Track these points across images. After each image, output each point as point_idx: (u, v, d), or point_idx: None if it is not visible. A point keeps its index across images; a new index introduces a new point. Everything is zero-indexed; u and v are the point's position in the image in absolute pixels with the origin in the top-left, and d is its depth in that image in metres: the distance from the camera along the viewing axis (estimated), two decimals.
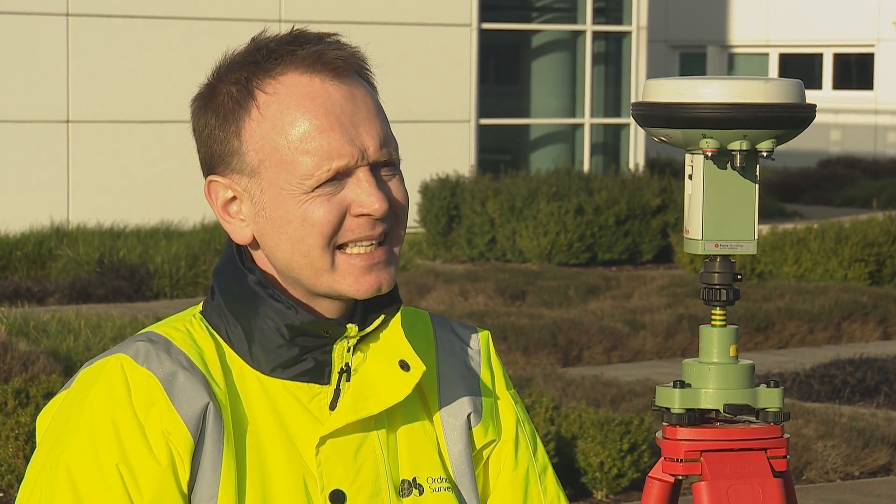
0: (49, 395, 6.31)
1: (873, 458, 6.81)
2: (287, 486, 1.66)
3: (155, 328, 1.70)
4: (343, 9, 15.71)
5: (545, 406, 6.33)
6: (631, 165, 17.05)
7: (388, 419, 1.71)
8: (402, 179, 1.71)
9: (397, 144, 1.70)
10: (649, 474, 2.29)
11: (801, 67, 27.85)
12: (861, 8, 27.30)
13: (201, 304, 1.74)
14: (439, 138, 16.31)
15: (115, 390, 1.64)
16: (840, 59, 28.11)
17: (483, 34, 16.59)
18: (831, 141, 27.25)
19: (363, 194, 1.66)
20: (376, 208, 1.66)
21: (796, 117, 2.23)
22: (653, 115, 2.26)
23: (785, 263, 12.23)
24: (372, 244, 1.67)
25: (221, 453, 1.64)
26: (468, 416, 1.75)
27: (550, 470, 1.82)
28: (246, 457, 1.65)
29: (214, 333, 1.70)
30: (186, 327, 1.70)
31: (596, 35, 17.32)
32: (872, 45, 27.42)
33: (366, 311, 1.71)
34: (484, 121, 16.72)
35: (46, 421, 1.69)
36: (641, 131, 14.81)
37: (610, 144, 17.56)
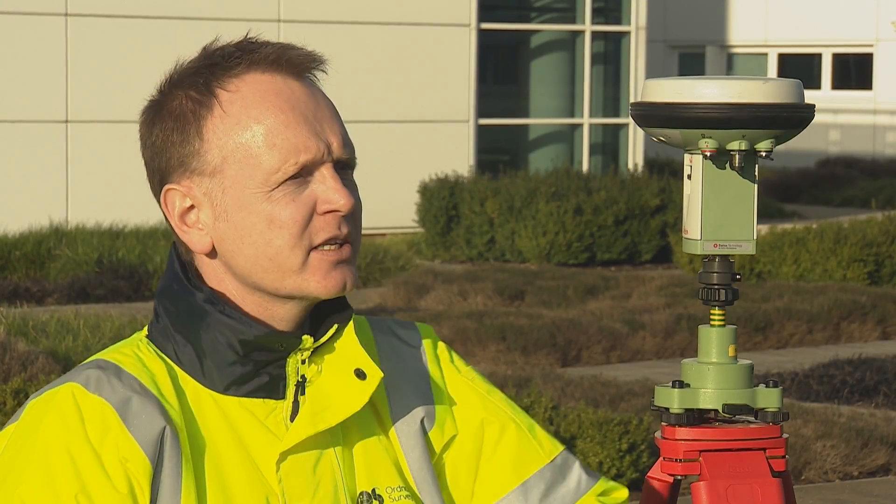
0: None
1: (872, 458, 6.81)
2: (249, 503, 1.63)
3: (101, 355, 1.66)
4: (342, 9, 15.71)
5: (544, 406, 6.33)
6: (630, 165, 17.05)
7: (342, 432, 1.69)
8: (356, 187, 1.69)
9: (354, 149, 1.69)
10: (648, 474, 2.28)
11: (799, 67, 27.86)
12: (860, 8, 27.32)
13: (145, 328, 1.71)
14: (438, 138, 16.31)
15: (68, 419, 1.60)
16: (839, 60, 28.12)
17: (482, 34, 16.59)
18: (830, 141, 27.26)
19: (329, 191, 1.64)
20: (342, 204, 1.63)
21: (795, 117, 2.23)
22: (652, 115, 2.26)
23: (784, 263, 12.23)
24: (338, 243, 1.65)
25: (181, 477, 1.61)
26: (421, 421, 1.73)
27: (537, 427, 1.80)
28: (205, 479, 1.62)
29: (163, 356, 1.66)
30: (134, 352, 1.66)
31: (595, 35, 17.33)
32: (871, 46, 27.43)
33: (317, 322, 1.68)
34: (483, 121, 16.72)
35: None
36: (640, 131, 14.81)
37: (609, 144, 17.56)
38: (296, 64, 1.66)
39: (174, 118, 1.66)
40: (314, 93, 1.67)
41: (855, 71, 28.02)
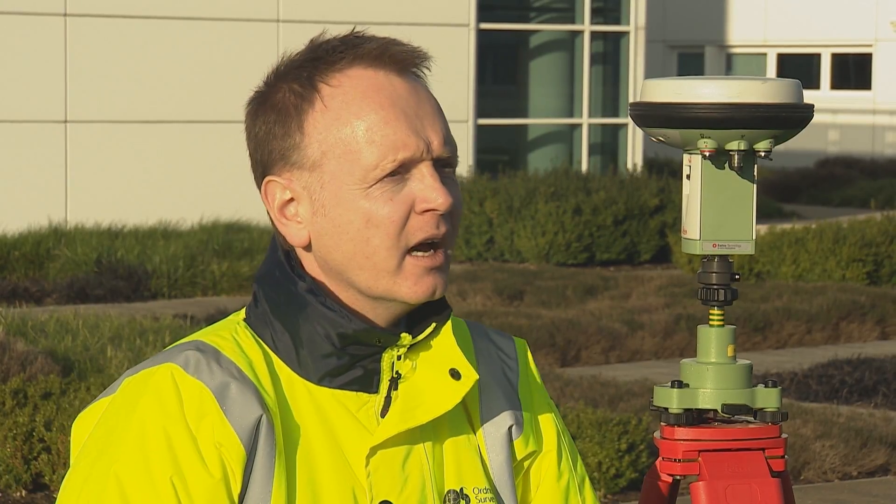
0: (47, 395, 6.30)
1: (871, 458, 6.81)
2: (337, 498, 1.63)
3: (200, 336, 1.66)
4: (341, 9, 15.72)
5: None
6: (629, 165, 17.05)
7: (433, 429, 1.69)
8: (458, 185, 1.68)
9: (457, 147, 1.68)
10: (647, 474, 2.29)
11: (798, 67, 27.86)
12: (859, 8, 27.32)
13: (243, 310, 1.70)
14: None
15: (166, 401, 1.60)
16: (838, 60, 28.12)
17: (481, 34, 16.60)
18: (829, 141, 27.26)
19: (427, 189, 1.62)
20: (441, 202, 1.62)
21: (794, 117, 2.23)
22: (651, 115, 2.26)
23: (783, 263, 12.23)
24: (433, 247, 1.65)
25: (273, 467, 1.61)
26: (510, 427, 1.73)
27: (588, 481, 1.81)
28: (296, 470, 1.62)
29: (260, 341, 1.66)
30: (233, 335, 1.66)
31: (594, 35, 17.33)
32: (870, 46, 27.43)
33: (414, 320, 1.68)
34: (482, 121, 16.73)
35: (85, 427, 1.65)
36: (639, 131, 14.81)
37: (608, 144, 17.57)
38: (399, 60, 1.65)
39: (277, 111, 1.66)
40: (416, 89, 1.66)
41: (854, 71, 28.03)
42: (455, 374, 1.66)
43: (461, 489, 1.69)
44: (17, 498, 6.14)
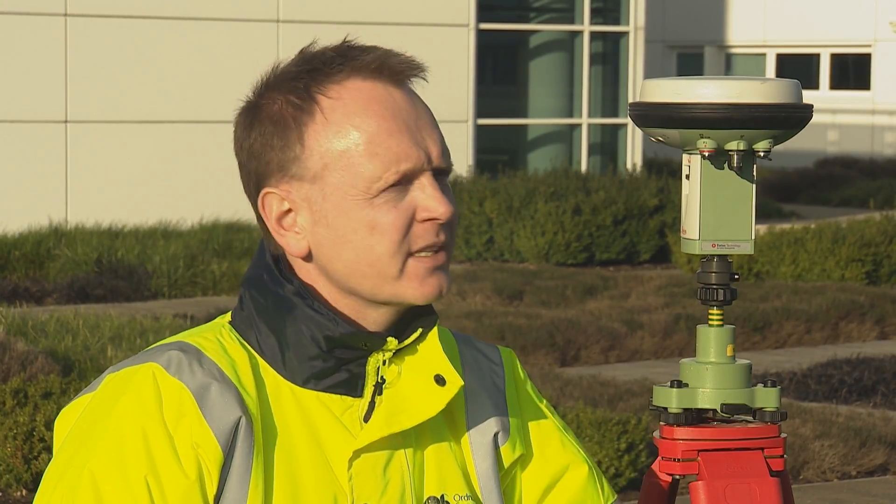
0: (47, 395, 6.31)
1: (870, 458, 6.82)
2: (317, 501, 1.63)
3: (184, 337, 1.66)
4: (341, 9, 15.72)
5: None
6: (628, 165, 17.07)
7: (416, 435, 1.69)
8: (452, 194, 1.70)
9: (450, 155, 1.70)
10: (647, 474, 2.28)
11: (798, 68, 27.87)
12: (858, 8, 27.33)
13: (229, 314, 1.71)
14: None
15: (145, 400, 1.61)
16: (837, 60, 28.13)
17: (481, 34, 16.61)
18: (828, 141, 27.27)
19: (429, 199, 1.64)
20: (442, 212, 1.64)
21: (793, 117, 2.24)
22: (650, 116, 2.26)
23: (782, 263, 12.24)
24: (434, 250, 1.66)
25: (250, 468, 1.61)
26: (495, 434, 1.74)
27: (599, 470, 1.83)
28: (274, 471, 1.62)
29: (246, 344, 1.66)
30: (217, 337, 1.66)
31: (593, 35, 17.34)
32: (869, 46, 27.44)
33: (400, 326, 1.69)
34: (482, 121, 16.74)
35: (67, 423, 1.66)
36: (639, 131, 14.81)
37: (607, 144, 17.58)
38: (397, 71, 1.66)
39: (274, 122, 1.65)
40: (414, 100, 1.68)
41: (853, 71, 28.04)
42: (440, 381, 1.67)
43: (442, 496, 1.69)
44: (17, 497, 6.15)
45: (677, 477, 2.25)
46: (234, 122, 1.70)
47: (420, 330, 1.68)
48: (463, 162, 16.42)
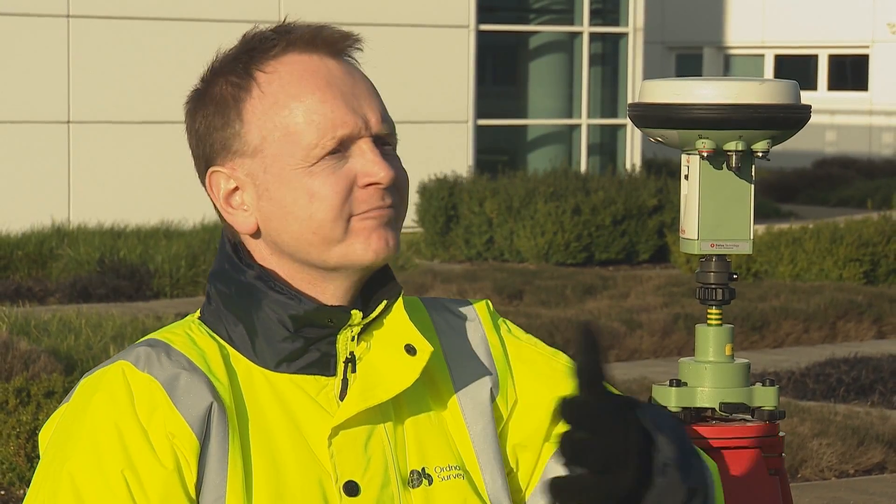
0: (50, 394, 6.32)
1: (868, 457, 6.83)
2: (300, 479, 1.63)
3: (153, 335, 1.67)
4: (341, 10, 15.73)
5: None
6: (628, 166, 17.07)
7: (394, 410, 1.68)
8: (400, 161, 1.69)
9: (395, 127, 1.69)
10: None
11: (796, 68, 27.86)
12: (856, 10, 27.33)
13: (198, 311, 1.71)
14: (437, 139, 16.33)
15: (117, 397, 1.61)
16: (835, 61, 28.13)
17: (481, 35, 16.61)
18: (826, 141, 27.27)
19: (368, 164, 1.64)
20: (382, 176, 1.64)
21: (792, 118, 2.25)
22: (649, 116, 2.28)
23: (780, 263, 12.26)
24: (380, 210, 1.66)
25: (227, 452, 1.61)
26: (490, 390, 1.72)
27: None
28: (251, 453, 1.62)
29: (216, 336, 1.67)
30: (185, 332, 1.67)
31: (593, 36, 17.35)
32: (867, 47, 27.44)
33: (366, 301, 1.68)
34: (482, 121, 16.75)
35: (48, 434, 1.66)
36: (638, 132, 14.83)
37: (607, 145, 17.58)
38: (331, 42, 1.68)
39: (215, 104, 1.67)
40: (351, 71, 1.69)
41: (851, 72, 28.03)
42: (410, 350, 1.66)
43: (423, 469, 1.67)
44: (20, 496, 6.16)
45: None
46: (184, 111, 1.71)
47: (384, 302, 1.67)
48: (463, 162, 16.43)
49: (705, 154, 2.25)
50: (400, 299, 1.68)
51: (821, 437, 6.85)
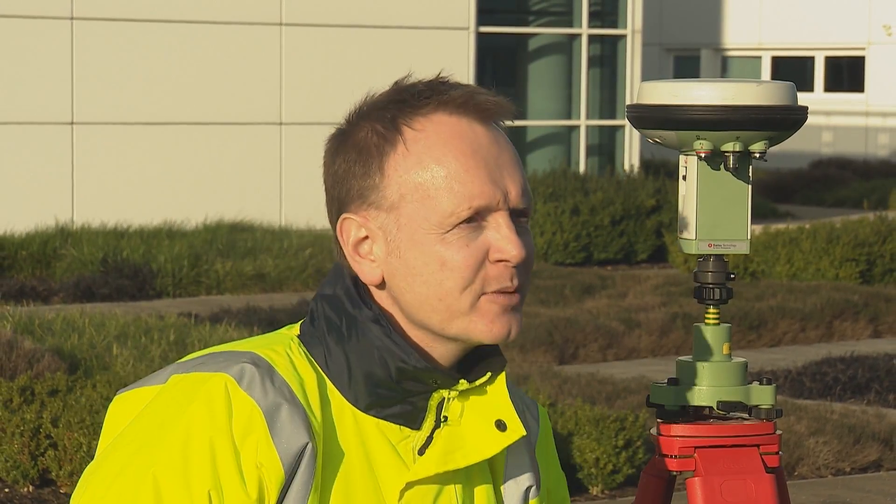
0: (54, 393, 6.32)
1: (864, 455, 6.86)
2: None
3: (255, 348, 1.64)
4: (342, 12, 15.76)
5: (541, 403, 6.37)
6: (626, 166, 17.11)
7: (466, 474, 1.69)
8: (531, 236, 1.69)
9: (532, 199, 1.69)
10: (644, 470, 2.33)
11: (793, 70, 27.87)
12: (852, 11, 27.34)
13: (296, 326, 1.70)
14: None
15: (216, 412, 1.59)
16: (831, 62, 28.13)
17: (480, 37, 16.64)
18: (823, 142, 27.28)
19: (503, 240, 1.63)
20: (514, 254, 1.63)
21: (788, 119, 2.27)
22: (647, 117, 2.30)
23: (777, 263, 12.29)
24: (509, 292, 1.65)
25: (308, 494, 1.60)
26: (528, 487, 1.74)
27: None
28: (330, 498, 1.62)
29: (313, 361, 1.65)
30: (286, 351, 1.65)
31: (591, 38, 17.38)
32: (863, 48, 27.45)
33: (468, 363, 1.68)
34: None
35: (124, 411, 1.65)
36: (636, 133, 14.86)
37: (605, 146, 17.61)
38: (483, 109, 1.66)
39: (358, 150, 1.66)
40: (498, 139, 1.66)
41: (847, 73, 28.05)
42: (501, 426, 1.66)
43: None
44: (24, 493, 6.16)
45: (674, 473, 2.29)
46: (325, 149, 1.70)
47: (489, 374, 1.67)
48: None
49: (703, 155, 2.27)
50: (504, 373, 1.69)
51: (817, 435, 6.88)
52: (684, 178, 2.32)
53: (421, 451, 1.66)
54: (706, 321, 2.32)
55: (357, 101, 1.69)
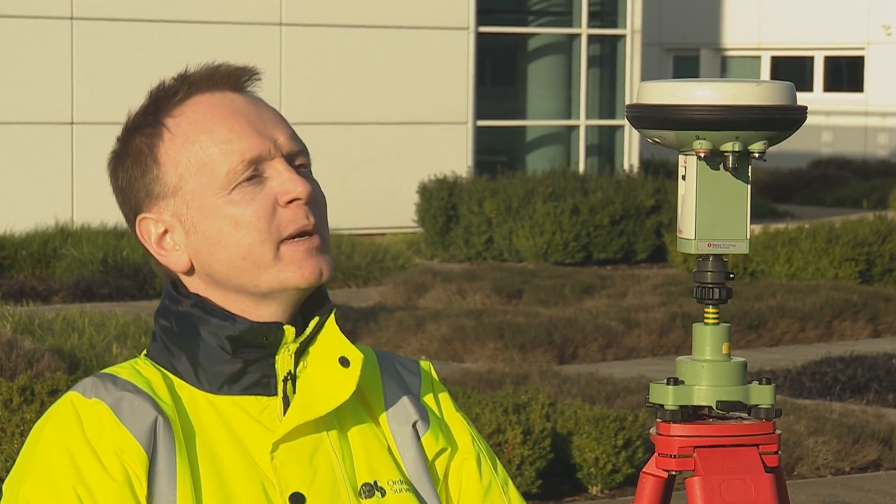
0: (53, 392, 6.35)
1: (863, 454, 6.87)
2: (246, 491, 1.67)
3: (99, 371, 1.73)
4: (342, 12, 15.78)
5: (541, 403, 6.37)
6: (625, 166, 17.13)
7: (339, 424, 1.73)
8: (318, 185, 1.73)
9: (307, 150, 1.73)
10: (643, 470, 2.31)
11: (792, 70, 27.90)
12: (851, 11, 27.37)
13: (144, 351, 1.76)
14: (437, 140, 16.38)
15: (66, 423, 1.67)
16: (831, 62, 28.16)
17: (480, 37, 16.66)
18: (822, 142, 27.31)
19: (286, 182, 1.68)
20: (300, 190, 1.68)
21: (788, 119, 2.27)
22: (647, 117, 2.30)
23: (777, 263, 12.30)
24: (308, 234, 1.70)
25: (175, 462, 1.66)
26: (414, 423, 1.77)
27: (511, 482, 1.85)
28: (199, 464, 1.67)
29: (161, 368, 1.72)
30: (131, 365, 1.72)
31: (591, 38, 17.40)
32: (863, 48, 27.48)
33: (301, 321, 1.72)
34: (481, 122, 16.79)
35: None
36: (636, 133, 14.89)
37: (605, 146, 17.64)
38: (229, 77, 1.74)
39: (133, 157, 1.74)
40: (255, 101, 1.74)
41: (847, 73, 28.08)
42: (344, 362, 1.70)
43: (375, 482, 1.72)
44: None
45: (673, 473, 2.26)
46: (108, 173, 1.77)
47: (317, 318, 1.71)
48: (462, 163, 16.48)
49: (702, 155, 2.27)
50: (332, 315, 1.72)
51: (817, 434, 6.89)
52: (683, 177, 2.32)
53: (284, 414, 1.70)
54: (705, 321, 2.31)
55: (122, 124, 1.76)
